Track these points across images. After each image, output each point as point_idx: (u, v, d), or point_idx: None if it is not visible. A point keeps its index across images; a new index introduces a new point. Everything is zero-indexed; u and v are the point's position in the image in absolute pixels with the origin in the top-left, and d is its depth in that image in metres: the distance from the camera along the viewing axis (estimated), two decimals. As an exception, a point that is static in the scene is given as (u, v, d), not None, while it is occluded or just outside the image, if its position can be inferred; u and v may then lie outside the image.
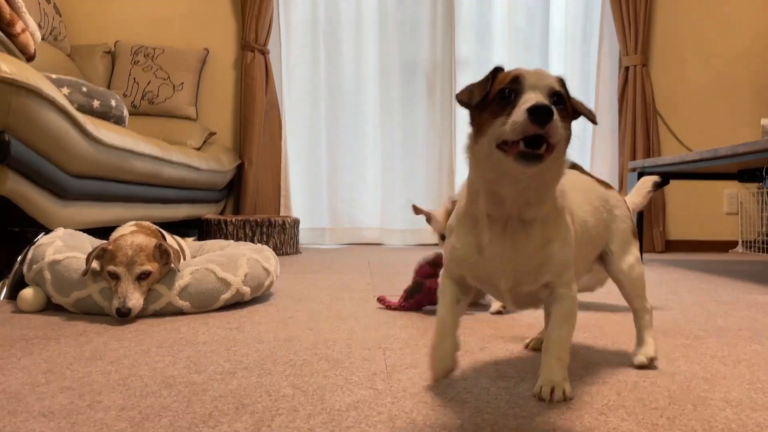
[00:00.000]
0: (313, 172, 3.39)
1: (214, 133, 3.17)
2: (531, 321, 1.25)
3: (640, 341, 0.93)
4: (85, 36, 3.29)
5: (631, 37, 3.27)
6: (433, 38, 3.38)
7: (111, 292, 1.22)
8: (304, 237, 3.38)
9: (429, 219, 1.44)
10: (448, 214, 1.26)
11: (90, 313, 1.25)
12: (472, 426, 0.67)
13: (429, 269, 1.33)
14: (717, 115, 3.44)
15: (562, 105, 0.69)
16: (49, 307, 1.31)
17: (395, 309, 1.37)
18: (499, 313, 1.33)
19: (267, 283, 1.43)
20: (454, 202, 0.99)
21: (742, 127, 3.44)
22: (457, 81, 3.38)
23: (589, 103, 3.39)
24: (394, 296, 1.41)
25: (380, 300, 1.41)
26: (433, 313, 1.32)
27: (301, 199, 3.38)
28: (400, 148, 3.40)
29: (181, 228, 3.00)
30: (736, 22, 3.44)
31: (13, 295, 1.42)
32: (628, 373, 0.88)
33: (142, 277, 1.20)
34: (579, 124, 3.69)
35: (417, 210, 1.46)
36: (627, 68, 3.30)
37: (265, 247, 1.56)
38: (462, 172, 3.38)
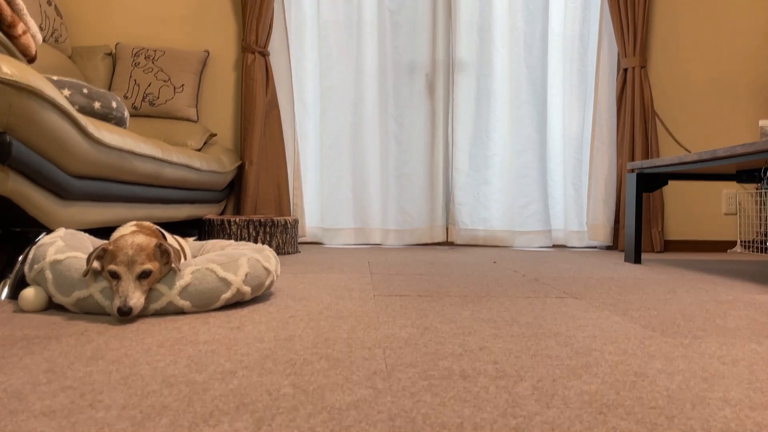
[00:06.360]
0: (312, 172, 3.41)
1: (215, 135, 3.17)
2: (529, 320, 1.25)
3: None
4: (86, 38, 3.31)
5: (630, 38, 3.27)
6: (432, 38, 3.39)
7: (112, 291, 1.22)
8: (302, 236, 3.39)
9: None
10: None
11: (91, 312, 1.26)
12: (472, 425, 0.67)
13: None
14: (715, 117, 3.45)
15: None
16: (51, 306, 1.32)
17: None
18: None
19: (267, 282, 1.44)
20: None
21: (741, 128, 3.45)
22: (456, 81, 3.39)
23: (588, 105, 3.40)
24: (395, 296, 1.41)
25: None
26: (433, 311, 1.33)
27: (300, 199, 3.39)
28: (400, 148, 3.41)
29: (182, 228, 3.01)
30: (736, 23, 3.44)
31: (14, 295, 1.43)
32: (628, 372, 0.88)
33: (143, 276, 1.20)
34: (577, 125, 3.73)
35: None
36: (626, 70, 3.31)
37: (266, 246, 1.56)
38: (462, 171, 3.38)
